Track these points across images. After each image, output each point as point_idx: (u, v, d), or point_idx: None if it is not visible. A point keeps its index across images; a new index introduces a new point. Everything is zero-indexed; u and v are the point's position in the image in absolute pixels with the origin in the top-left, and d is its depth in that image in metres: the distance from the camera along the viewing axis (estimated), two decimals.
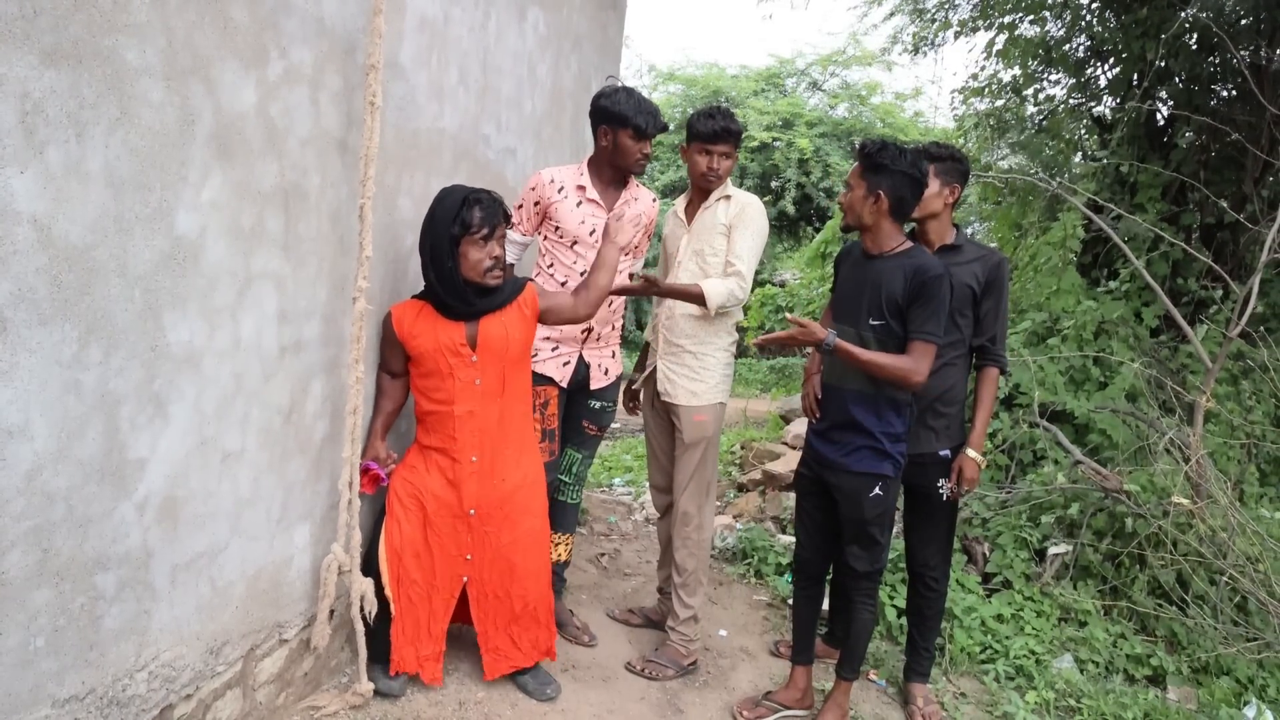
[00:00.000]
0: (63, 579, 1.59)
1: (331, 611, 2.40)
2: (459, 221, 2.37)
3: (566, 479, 3.05)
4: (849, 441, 2.56)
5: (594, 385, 2.95)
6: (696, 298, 2.79)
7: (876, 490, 2.54)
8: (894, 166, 2.44)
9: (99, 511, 1.65)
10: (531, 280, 2.63)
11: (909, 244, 2.56)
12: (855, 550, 2.62)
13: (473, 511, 2.52)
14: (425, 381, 2.50)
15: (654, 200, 3.02)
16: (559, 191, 2.82)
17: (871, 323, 2.50)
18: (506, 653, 2.63)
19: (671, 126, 13.87)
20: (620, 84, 2.87)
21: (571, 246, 2.83)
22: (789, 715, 2.79)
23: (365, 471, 2.44)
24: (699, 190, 2.96)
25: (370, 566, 2.51)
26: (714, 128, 2.86)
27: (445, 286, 2.41)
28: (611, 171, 2.86)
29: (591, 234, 2.83)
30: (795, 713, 2.80)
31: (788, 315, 2.58)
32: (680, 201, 3.07)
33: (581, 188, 2.83)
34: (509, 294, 2.52)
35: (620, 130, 2.77)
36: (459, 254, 2.39)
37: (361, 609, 2.41)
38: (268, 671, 2.26)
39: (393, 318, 2.48)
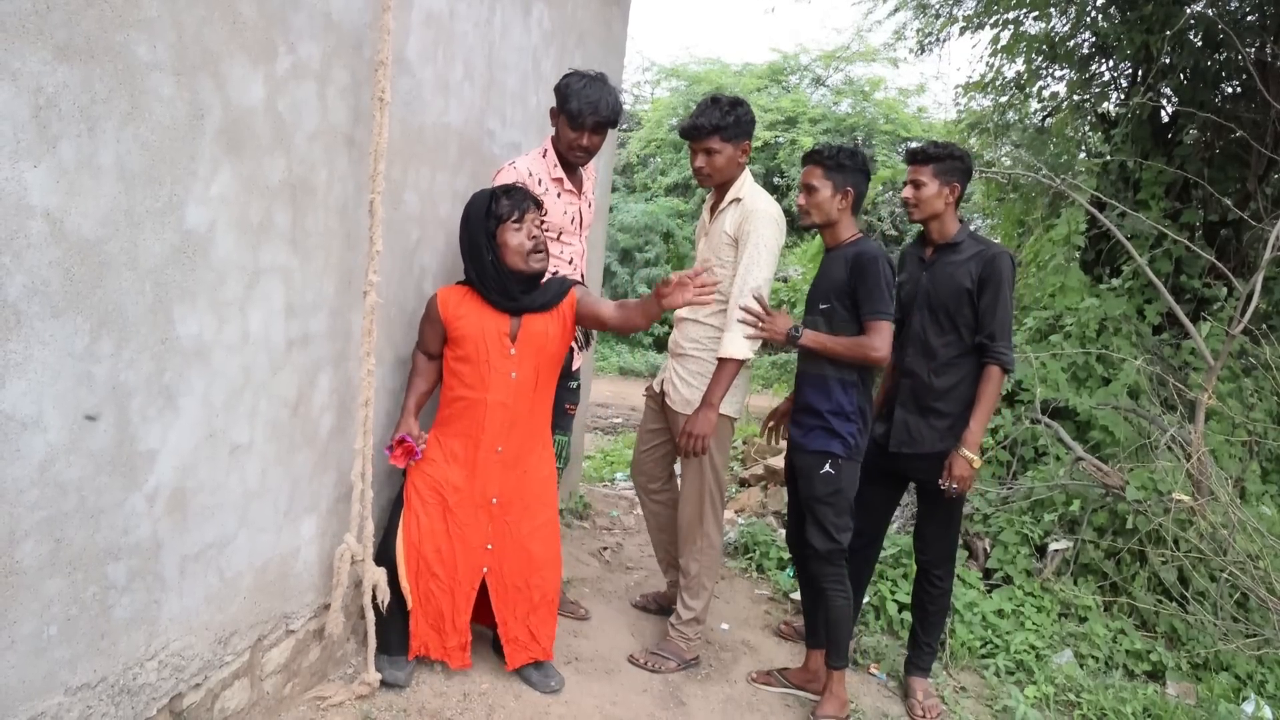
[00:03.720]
0: (75, 569, 1.61)
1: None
2: (491, 215, 2.44)
3: (560, 465, 3.05)
4: (805, 422, 2.74)
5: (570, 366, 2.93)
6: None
7: (827, 468, 2.67)
8: (853, 165, 2.67)
9: (110, 502, 1.66)
10: (577, 283, 2.63)
11: (859, 235, 2.71)
12: (811, 528, 2.74)
13: (495, 500, 2.54)
14: (461, 366, 2.51)
15: (590, 168, 2.95)
16: (538, 185, 2.77)
17: (820, 306, 2.69)
18: (525, 644, 2.65)
19: (674, 123, 13.89)
20: (593, 72, 2.76)
21: (558, 237, 2.83)
22: (795, 694, 2.86)
23: (401, 443, 2.47)
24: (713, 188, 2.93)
25: (384, 559, 2.52)
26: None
27: (489, 282, 2.47)
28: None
29: (573, 222, 2.84)
30: (802, 693, 2.87)
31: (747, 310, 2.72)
32: (709, 199, 3.00)
33: (558, 179, 2.81)
34: (554, 296, 2.55)
35: (561, 114, 2.72)
36: (498, 244, 2.45)
37: (374, 598, 2.43)
38: (275, 662, 2.27)
39: (438, 298, 2.51)
